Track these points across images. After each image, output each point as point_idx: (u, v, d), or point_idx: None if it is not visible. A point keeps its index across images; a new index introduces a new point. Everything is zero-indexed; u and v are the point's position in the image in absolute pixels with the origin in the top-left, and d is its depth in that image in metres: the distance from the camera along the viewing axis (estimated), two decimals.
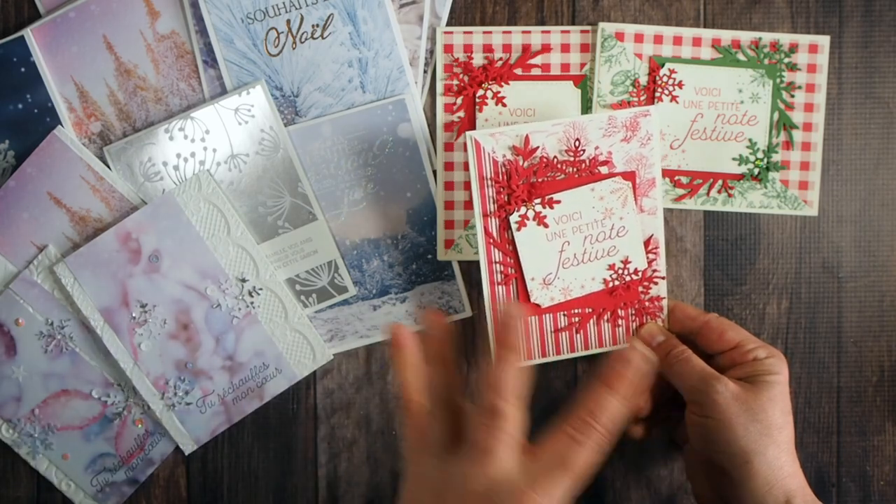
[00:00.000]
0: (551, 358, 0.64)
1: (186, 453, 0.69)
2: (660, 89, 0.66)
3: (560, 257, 0.63)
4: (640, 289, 0.65)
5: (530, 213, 0.62)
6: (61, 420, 0.67)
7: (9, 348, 0.66)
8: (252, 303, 0.67)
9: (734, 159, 0.67)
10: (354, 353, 0.69)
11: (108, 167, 0.65)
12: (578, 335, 0.65)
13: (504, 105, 0.67)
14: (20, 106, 0.65)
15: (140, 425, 0.68)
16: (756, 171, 0.67)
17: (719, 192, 0.67)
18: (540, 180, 0.62)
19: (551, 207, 0.62)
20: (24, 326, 0.66)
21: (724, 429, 0.57)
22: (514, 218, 0.62)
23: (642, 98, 0.66)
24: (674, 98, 0.66)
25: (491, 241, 0.62)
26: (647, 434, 0.66)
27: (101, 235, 0.65)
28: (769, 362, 0.59)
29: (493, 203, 0.62)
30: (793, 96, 0.67)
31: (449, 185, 0.67)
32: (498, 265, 0.63)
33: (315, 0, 0.65)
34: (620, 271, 0.64)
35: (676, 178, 0.67)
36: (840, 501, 0.69)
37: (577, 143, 0.62)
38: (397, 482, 0.69)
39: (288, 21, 0.65)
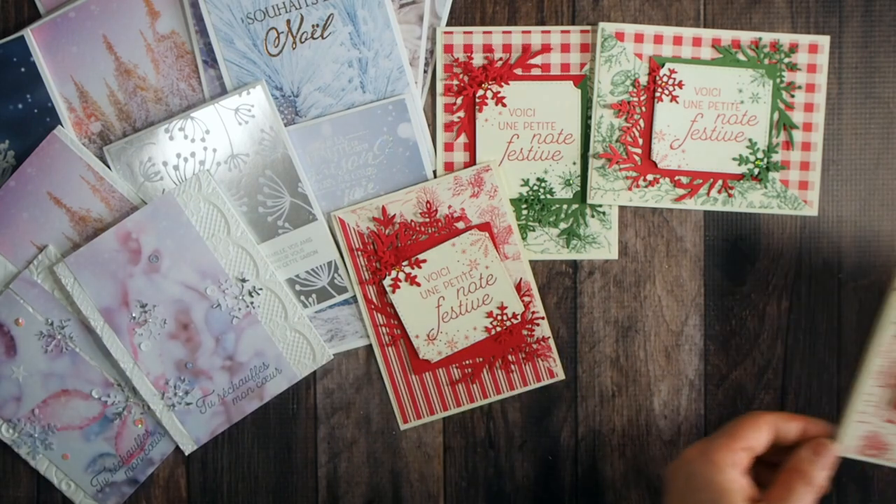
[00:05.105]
0: (452, 411, 0.67)
1: (186, 453, 0.69)
2: (660, 89, 0.66)
3: (438, 312, 0.66)
4: (524, 332, 0.67)
5: (401, 276, 0.66)
6: (61, 420, 0.67)
7: (9, 348, 0.66)
8: (252, 303, 0.67)
9: (734, 159, 0.67)
10: (354, 353, 0.69)
11: (108, 167, 0.65)
12: (475, 385, 0.68)
13: (504, 105, 0.67)
14: (20, 106, 0.65)
15: (140, 425, 0.68)
16: (756, 171, 0.67)
17: (719, 192, 0.67)
18: (404, 244, 0.66)
19: (419, 267, 0.66)
20: (24, 326, 0.66)
21: None
22: (386, 282, 0.66)
23: (642, 98, 0.66)
24: (674, 98, 0.66)
25: (372, 306, 0.67)
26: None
27: (101, 235, 0.65)
28: None
29: (367, 271, 0.66)
30: (793, 96, 0.67)
31: None
32: (384, 328, 0.67)
33: (315, 0, 0.65)
34: (500, 317, 0.67)
35: (676, 178, 0.67)
36: (840, 501, 0.69)
37: (429, 206, 0.66)
38: (397, 482, 0.69)
39: (288, 21, 0.65)
